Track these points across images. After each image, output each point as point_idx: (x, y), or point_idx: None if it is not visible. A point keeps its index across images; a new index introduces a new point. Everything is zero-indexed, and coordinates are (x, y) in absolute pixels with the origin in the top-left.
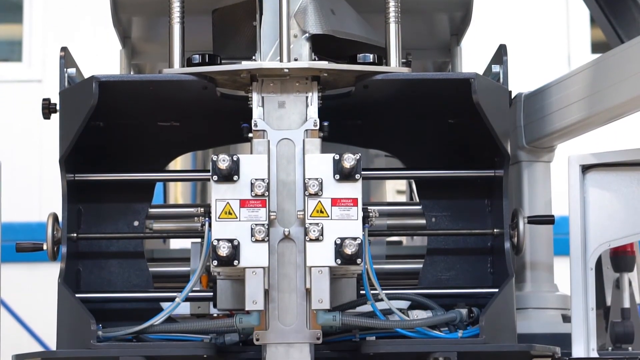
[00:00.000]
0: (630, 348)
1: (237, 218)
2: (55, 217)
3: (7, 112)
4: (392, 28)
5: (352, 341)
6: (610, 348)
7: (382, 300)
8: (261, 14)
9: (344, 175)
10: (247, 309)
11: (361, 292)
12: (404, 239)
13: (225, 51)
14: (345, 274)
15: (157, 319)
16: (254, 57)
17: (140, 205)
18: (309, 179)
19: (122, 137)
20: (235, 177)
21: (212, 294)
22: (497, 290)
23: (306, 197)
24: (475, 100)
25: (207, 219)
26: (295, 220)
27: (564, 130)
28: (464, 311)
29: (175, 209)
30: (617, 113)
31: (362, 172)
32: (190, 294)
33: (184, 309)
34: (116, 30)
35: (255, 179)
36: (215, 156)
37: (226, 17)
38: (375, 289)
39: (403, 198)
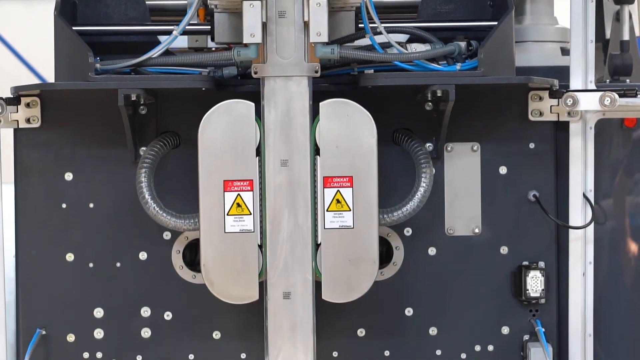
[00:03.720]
0: (628, 80)
1: None
2: None
3: None
4: None
5: (350, 74)
6: (608, 80)
7: (380, 33)
8: None
9: None
10: (244, 41)
11: (359, 25)
12: None
13: None
14: (344, 7)
15: (155, 52)
16: None
17: None
18: None
19: None
20: None
21: (209, 27)
22: (496, 23)
23: None
24: None
25: None
26: None
27: None
28: (463, 44)
29: None
30: None
31: None
32: (187, 27)
33: (182, 42)
34: None
35: None
36: None
37: None
38: (374, 22)
39: None
